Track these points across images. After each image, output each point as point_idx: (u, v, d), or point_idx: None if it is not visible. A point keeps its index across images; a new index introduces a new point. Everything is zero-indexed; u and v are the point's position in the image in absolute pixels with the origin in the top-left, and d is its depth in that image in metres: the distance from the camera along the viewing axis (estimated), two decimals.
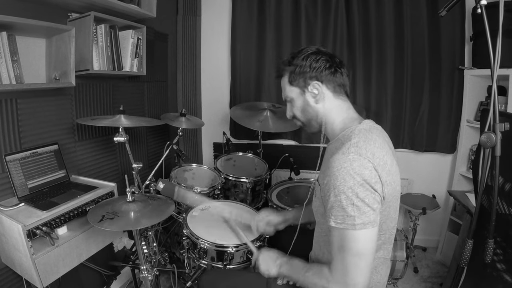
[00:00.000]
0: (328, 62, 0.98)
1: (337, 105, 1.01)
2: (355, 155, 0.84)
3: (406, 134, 2.47)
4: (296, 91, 1.02)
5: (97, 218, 1.13)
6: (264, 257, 1.11)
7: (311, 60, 0.97)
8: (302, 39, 2.41)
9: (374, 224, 0.83)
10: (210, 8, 2.61)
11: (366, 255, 0.83)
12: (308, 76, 0.98)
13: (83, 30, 1.54)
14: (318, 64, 0.97)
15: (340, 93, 1.01)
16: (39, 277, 1.23)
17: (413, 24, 2.28)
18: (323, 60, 0.97)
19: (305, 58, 0.98)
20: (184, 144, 2.82)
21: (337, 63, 0.99)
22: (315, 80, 0.98)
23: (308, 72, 0.98)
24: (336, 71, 0.98)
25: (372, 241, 0.83)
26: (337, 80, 0.99)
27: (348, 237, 0.82)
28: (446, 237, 2.33)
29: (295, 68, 0.99)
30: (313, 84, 0.98)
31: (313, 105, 1.01)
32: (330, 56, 0.99)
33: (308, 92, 1.00)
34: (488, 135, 0.84)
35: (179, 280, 1.75)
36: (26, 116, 1.43)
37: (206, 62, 2.71)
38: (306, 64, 0.97)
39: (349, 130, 0.96)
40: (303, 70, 0.98)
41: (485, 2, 0.84)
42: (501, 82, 1.95)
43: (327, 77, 0.97)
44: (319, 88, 0.98)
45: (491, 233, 0.90)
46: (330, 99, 1.00)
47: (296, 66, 0.99)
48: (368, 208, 0.81)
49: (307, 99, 1.01)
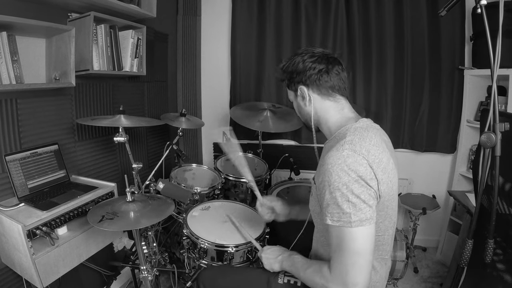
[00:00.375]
0: (315, 64, 0.98)
1: (328, 106, 1.01)
2: (350, 151, 0.84)
3: (406, 134, 2.47)
4: (292, 94, 1.08)
5: (97, 219, 1.13)
6: (266, 254, 1.13)
7: (297, 65, 1.00)
8: (302, 39, 2.41)
9: (371, 221, 0.82)
10: (210, 8, 2.61)
11: (365, 254, 0.82)
12: (295, 81, 1.02)
13: (83, 30, 1.54)
14: (303, 68, 0.99)
15: (329, 95, 1.00)
16: (39, 277, 1.23)
17: (413, 24, 2.28)
18: (309, 63, 0.98)
19: (293, 64, 1.02)
20: (184, 144, 2.82)
21: (327, 65, 0.98)
22: (301, 84, 1.01)
23: (295, 77, 1.02)
24: (321, 74, 0.98)
25: (370, 239, 0.83)
26: (323, 83, 0.98)
27: (346, 235, 0.82)
28: (446, 237, 2.33)
29: (286, 74, 1.05)
30: (300, 88, 1.02)
31: (304, 107, 1.05)
32: (320, 57, 0.98)
33: (298, 96, 1.04)
34: (488, 135, 0.84)
35: (179, 280, 1.75)
36: (26, 116, 1.43)
37: (206, 62, 2.71)
38: (294, 69, 1.01)
39: (345, 128, 0.96)
40: (292, 75, 1.02)
41: (485, 2, 0.84)
42: (501, 82, 1.95)
43: (312, 81, 0.99)
44: (305, 91, 1.01)
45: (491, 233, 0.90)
46: (318, 102, 1.02)
47: (286, 72, 1.05)
48: (364, 205, 0.81)
49: (298, 101, 1.06)
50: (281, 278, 1.08)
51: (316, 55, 0.99)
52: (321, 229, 0.99)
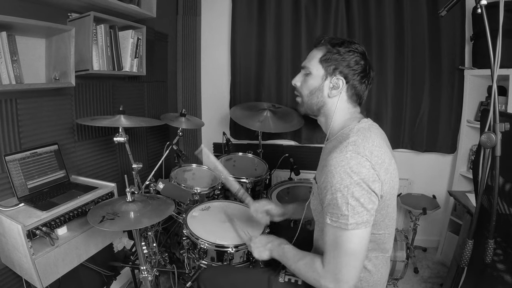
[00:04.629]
0: (364, 70, 0.97)
1: (345, 108, 1.01)
2: (353, 153, 0.84)
3: (406, 134, 2.46)
4: (320, 71, 0.99)
5: (98, 219, 1.13)
6: (255, 244, 1.14)
7: (353, 58, 0.96)
8: (302, 39, 2.41)
9: (367, 225, 0.84)
10: (210, 8, 2.61)
11: (358, 255, 0.84)
12: (340, 69, 0.97)
13: (83, 30, 1.54)
14: (355, 65, 0.96)
15: (353, 100, 1.01)
16: (38, 278, 1.23)
17: (413, 24, 2.28)
18: (362, 65, 0.97)
19: (350, 53, 0.96)
20: (184, 144, 2.82)
21: (369, 76, 0.99)
22: (343, 76, 0.97)
23: (344, 66, 0.96)
24: (363, 82, 0.98)
25: (364, 241, 0.85)
26: (358, 89, 0.99)
27: (341, 236, 0.84)
28: (447, 237, 2.32)
29: (336, 53, 0.96)
30: (339, 78, 0.97)
31: (325, 95, 1.00)
32: (368, 66, 0.99)
33: (328, 80, 0.99)
34: (488, 135, 0.84)
35: (179, 281, 1.74)
36: (26, 116, 1.43)
37: (206, 62, 2.71)
38: (347, 58, 0.96)
39: (348, 128, 0.97)
40: (341, 61, 0.96)
41: (485, 2, 0.84)
42: (501, 82, 1.95)
43: (354, 81, 0.97)
44: (342, 85, 0.98)
45: (491, 233, 0.90)
46: (342, 100, 1.00)
47: (338, 52, 0.96)
48: (362, 209, 0.82)
49: (323, 85, 1.00)
50: (281, 277, 1.08)
51: (367, 61, 0.98)
52: (322, 228, 0.99)
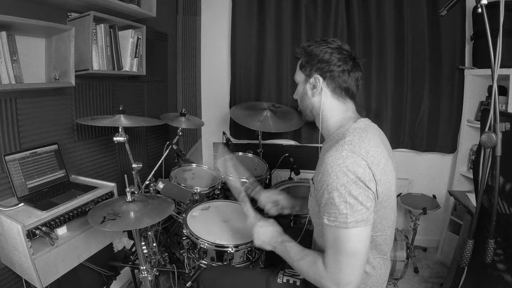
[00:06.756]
0: (340, 61, 0.95)
1: (334, 105, 1.00)
2: (349, 152, 0.84)
3: (406, 134, 2.46)
4: (302, 76, 1.03)
5: (98, 220, 1.12)
6: (258, 234, 1.09)
7: (324, 54, 0.96)
8: (302, 39, 2.40)
9: (367, 223, 0.83)
10: (210, 8, 2.61)
11: (359, 254, 0.83)
12: (314, 68, 0.97)
13: (83, 30, 1.54)
14: (328, 60, 0.95)
15: (340, 95, 0.99)
16: (38, 278, 1.22)
17: (413, 24, 2.28)
18: (336, 58, 0.95)
19: (320, 50, 0.96)
20: (184, 144, 2.82)
21: (351, 66, 0.97)
22: (318, 73, 0.97)
23: (316, 64, 0.97)
24: (343, 74, 0.96)
25: (365, 240, 0.84)
26: (340, 82, 0.97)
27: (341, 235, 0.83)
28: (447, 237, 2.32)
29: (309, 54, 0.98)
30: (315, 77, 0.98)
31: (309, 96, 1.02)
32: (347, 57, 0.97)
33: (308, 83, 1.00)
34: (489, 135, 0.84)
35: (179, 280, 1.74)
36: (25, 116, 1.43)
37: (206, 62, 2.71)
38: (318, 56, 0.96)
39: (344, 128, 0.96)
40: (313, 61, 0.97)
41: (485, 2, 0.84)
42: (501, 82, 1.94)
43: (331, 75, 0.96)
44: (319, 83, 0.98)
45: (491, 233, 0.90)
46: (327, 97, 0.99)
47: (310, 53, 0.98)
48: (361, 206, 0.82)
49: (306, 88, 1.02)
50: (280, 278, 1.08)
51: (344, 52, 0.96)
52: (320, 230, 0.98)
